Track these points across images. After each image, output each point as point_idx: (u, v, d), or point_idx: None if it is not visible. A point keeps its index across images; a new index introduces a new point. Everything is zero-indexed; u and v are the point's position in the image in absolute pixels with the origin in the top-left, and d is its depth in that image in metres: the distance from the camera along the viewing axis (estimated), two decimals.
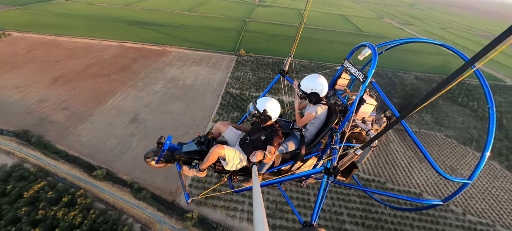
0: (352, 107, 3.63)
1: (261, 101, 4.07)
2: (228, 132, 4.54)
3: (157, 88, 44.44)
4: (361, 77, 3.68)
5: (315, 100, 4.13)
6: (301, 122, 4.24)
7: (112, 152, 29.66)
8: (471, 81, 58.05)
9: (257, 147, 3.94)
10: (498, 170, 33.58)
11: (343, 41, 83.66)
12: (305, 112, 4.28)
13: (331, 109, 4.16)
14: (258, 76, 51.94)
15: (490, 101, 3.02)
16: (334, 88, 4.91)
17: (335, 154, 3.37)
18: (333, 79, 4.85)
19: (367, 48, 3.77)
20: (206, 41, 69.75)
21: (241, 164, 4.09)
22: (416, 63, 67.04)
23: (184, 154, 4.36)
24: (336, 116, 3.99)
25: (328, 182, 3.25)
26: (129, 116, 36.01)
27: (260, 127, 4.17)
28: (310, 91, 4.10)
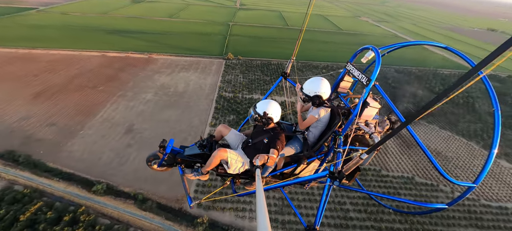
0: (356, 110, 3.56)
1: (260, 104, 4.06)
2: (230, 135, 4.49)
3: (148, 96, 43.46)
4: (365, 80, 3.62)
5: (317, 103, 4.08)
6: (304, 125, 4.21)
7: (110, 165, 28.66)
8: (442, 71, 63.08)
9: (259, 150, 3.89)
10: (476, 150, 36.90)
11: (325, 40, 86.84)
12: (308, 115, 4.23)
13: (334, 112, 4.11)
14: (249, 78, 52.54)
15: (495, 105, 2.93)
16: (337, 90, 4.84)
17: (339, 158, 3.33)
18: (336, 82, 4.80)
19: (370, 51, 3.74)
20: (193, 47, 69.22)
21: (243, 168, 4.05)
22: (395, 57, 71.37)
23: (186, 157, 4.33)
24: (339, 119, 3.94)
25: (331, 186, 3.19)
26: (123, 127, 34.94)
27: (262, 130, 4.12)
28: (313, 94, 4.03)
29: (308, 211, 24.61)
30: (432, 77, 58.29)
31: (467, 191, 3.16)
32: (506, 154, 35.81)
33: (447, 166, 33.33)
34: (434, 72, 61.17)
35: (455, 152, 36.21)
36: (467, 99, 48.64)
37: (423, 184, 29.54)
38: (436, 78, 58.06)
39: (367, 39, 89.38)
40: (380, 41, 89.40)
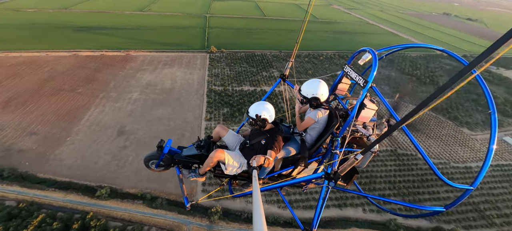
0: (353, 112, 3.58)
1: (253, 107, 4.05)
2: (228, 136, 4.49)
3: (134, 96, 41.78)
4: (362, 82, 3.64)
5: (315, 105, 4.11)
6: (302, 127, 4.22)
7: (109, 169, 27.75)
8: (411, 54, 69.40)
9: (257, 151, 3.90)
10: (443, 121, 42.22)
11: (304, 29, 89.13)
12: (306, 117, 4.25)
13: (332, 113, 4.12)
14: (236, 71, 52.82)
15: (492, 107, 2.90)
16: (335, 92, 4.87)
17: (335, 159, 3.33)
18: (334, 84, 4.82)
19: (367, 53, 3.75)
20: (172, 41, 66.86)
21: (241, 169, 4.05)
22: (368, 43, 76.39)
23: (184, 158, 4.32)
24: (337, 120, 3.96)
25: (329, 188, 3.19)
26: (114, 130, 33.57)
27: (260, 131, 4.13)
28: (311, 96, 4.05)
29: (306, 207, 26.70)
30: (402, 60, 63.98)
31: (465, 194, 3.12)
32: (466, 123, 41.60)
33: (423, 141, 37.84)
34: (403, 55, 67.01)
35: (426, 125, 41.08)
36: (432, 78, 54.59)
37: (404, 155, 33.39)
38: (405, 60, 63.88)
39: (342, 27, 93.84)
40: (354, 28, 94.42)
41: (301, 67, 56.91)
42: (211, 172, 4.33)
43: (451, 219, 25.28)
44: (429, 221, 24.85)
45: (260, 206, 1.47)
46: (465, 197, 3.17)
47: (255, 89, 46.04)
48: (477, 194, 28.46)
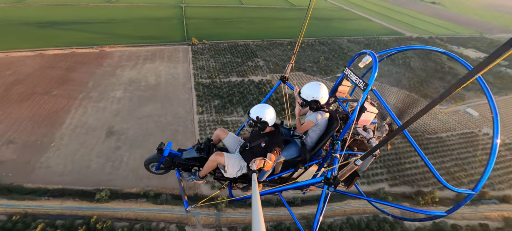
0: (353, 115, 3.58)
1: (254, 109, 4.04)
2: (228, 139, 4.50)
3: (118, 94, 39.82)
4: (362, 85, 3.65)
5: (315, 108, 4.10)
6: (302, 129, 4.22)
7: (104, 171, 26.82)
8: (383, 38, 73.93)
9: (257, 154, 3.90)
10: (416, 98, 46.48)
11: (283, 17, 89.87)
12: (306, 119, 4.24)
13: (332, 116, 4.12)
14: (221, 62, 52.34)
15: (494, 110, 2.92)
16: (335, 95, 4.86)
17: (335, 163, 3.35)
18: (334, 86, 4.81)
19: (367, 55, 3.78)
20: (149, 34, 63.68)
21: (241, 172, 4.05)
22: (344, 29, 79.65)
23: (184, 161, 4.34)
24: (337, 123, 3.97)
25: (328, 192, 3.20)
26: (102, 131, 32.08)
27: (260, 134, 4.13)
28: (311, 98, 4.03)
29: None
30: (377, 44, 68.08)
31: (467, 199, 3.14)
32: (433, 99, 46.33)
33: None
34: (377, 39, 71.24)
35: (402, 102, 44.98)
36: (404, 60, 59.18)
37: None
38: (379, 44, 68.07)
39: (319, 13, 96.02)
40: (330, 14, 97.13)
41: (284, 55, 57.96)
42: (211, 174, 4.32)
43: (428, 183, 28.82)
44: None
45: (259, 210, 1.45)
46: (467, 201, 3.12)
47: (243, 80, 46.32)
48: (448, 160, 32.56)
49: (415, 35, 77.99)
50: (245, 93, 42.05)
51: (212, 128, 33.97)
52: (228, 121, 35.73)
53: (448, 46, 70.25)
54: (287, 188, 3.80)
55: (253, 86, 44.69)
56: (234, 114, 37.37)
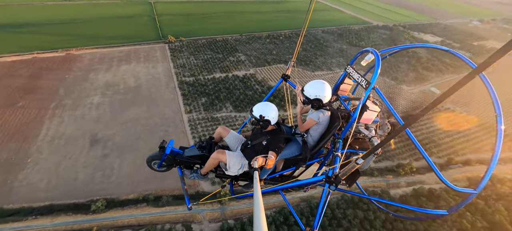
0: (355, 114, 3.58)
1: (256, 107, 4.06)
2: (229, 137, 4.54)
3: (96, 100, 37.35)
4: (364, 84, 3.63)
5: (317, 106, 4.11)
6: (303, 128, 4.22)
7: (94, 181, 25.48)
8: (354, 27, 78.44)
9: (258, 152, 3.93)
10: (387, 81, 50.80)
11: (257, 10, 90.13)
12: (307, 118, 4.26)
13: (334, 115, 4.14)
14: (202, 59, 51.46)
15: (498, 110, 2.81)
16: (337, 93, 4.88)
17: (337, 162, 3.36)
18: (336, 84, 4.83)
19: (370, 54, 3.79)
20: (120, 34, 59.82)
21: (242, 170, 4.09)
22: (317, 20, 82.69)
23: (185, 158, 4.39)
24: (339, 122, 3.98)
25: (330, 190, 3.22)
26: (85, 140, 30.15)
27: (261, 132, 4.17)
28: (313, 97, 4.03)
29: None
30: (348, 33, 72.11)
31: (469, 198, 3.17)
32: (403, 81, 51.03)
33: None
34: (348, 28, 75.42)
35: None
36: (375, 47, 63.70)
37: None
38: (351, 33, 72.21)
39: (292, 5, 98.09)
40: (303, 6, 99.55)
41: (264, 48, 58.79)
42: (213, 172, 4.40)
43: (406, 155, 32.26)
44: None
45: (260, 207, 1.47)
46: (469, 200, 3.16)
47: (227, 75, 46.27)
48: (419, 134, 36.59)
49: (382, 24, 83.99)
50: (231, 89, 42.21)
51: (203, 126, 33.81)
52: (218, 117, 35.79)
53: (410, 33, 77.03)
54: (288, 186, 3.81)
55: (238, 81, 44.96)
56: (223, 110, 37.47)
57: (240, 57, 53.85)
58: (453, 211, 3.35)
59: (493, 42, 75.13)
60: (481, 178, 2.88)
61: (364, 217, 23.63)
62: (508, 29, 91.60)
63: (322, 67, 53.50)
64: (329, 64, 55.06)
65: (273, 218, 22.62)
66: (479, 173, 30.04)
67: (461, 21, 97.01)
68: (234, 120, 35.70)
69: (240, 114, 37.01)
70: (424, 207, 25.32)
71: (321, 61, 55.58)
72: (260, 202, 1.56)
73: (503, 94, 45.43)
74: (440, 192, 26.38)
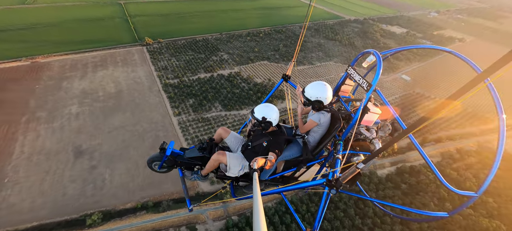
0: (356, 116, 3.52)
1: (258, 109, 4.04)
2: (230, 138, 4.54)
3: (73, 109, 34.95)
4: (365, 85, 3.56)
5: (317, 108, 4.08)
6: (304, 129, 4.22)
7: (85, 194, 24.16)
8: (328, 22, 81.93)
9: (259, 153, 3.94)
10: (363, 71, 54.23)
11: (234, 8, 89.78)
12: (308, 119, 4.24)
13: (335, 116, 4.11)
14: (184, 60, 50.38)
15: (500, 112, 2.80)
16: (338, 94, 4.85)
17: (337, 166, 3.32)
18: (337, 85, 4.80)
19: (371, 55, 3.74)
20: (90, 38, 56.10)
21: (243, 171, 4.08)
22: (293, 16, 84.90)
23: (186, 160, 4.40)
24: (340, 123, 3.97)
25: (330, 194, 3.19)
26: (68, 152, 28.27)
27: (262, 133, 4.16)
28: (314, 98, 4.00)
29: None
30: (324, 28, 75.24)
31: (470, 200, 3.08)
32: None
33: None
34: (324, 23, 78.62)
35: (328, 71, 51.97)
36: (349, 40, 67.32)
37: None
38: (326, 27, 75.43)
39: (267, 2, 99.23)
40: (277, 3, 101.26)
41: (246, 46, 59.17)
42: (213, 173, 4.41)
43: None
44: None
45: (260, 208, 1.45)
46: (470, 203, 3.12)
47: (212, 75, 45.95)
48: None
49: (353, 18, 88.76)
50: (218, 88, 42.11)
51: (194, 128, 33.46)
52: (209, 117, 35.64)
53: (379, 25, 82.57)
54: (289, 188, 3.81)
55: (224, 80, 44.92)
56: (212, 110, 37.33)
57: (223, 56, 53.64)
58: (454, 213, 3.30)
59: (450, 31, 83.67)
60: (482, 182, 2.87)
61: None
62: (461, 19, 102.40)
63: (304, 62, 55.45)
64: (309, 58, 57.20)
65: (275, 209, 23.47)
66: (449, 148, 33.89)
67: (421, 13, 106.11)
68: (225, 119, 35.83)
69: (230, 112, 37.21)
70: (406, 182, 28.11)
71: (301, 56, 57.48)
72: (259, 203, 1.54)
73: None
74: (419, 168, 29.31)
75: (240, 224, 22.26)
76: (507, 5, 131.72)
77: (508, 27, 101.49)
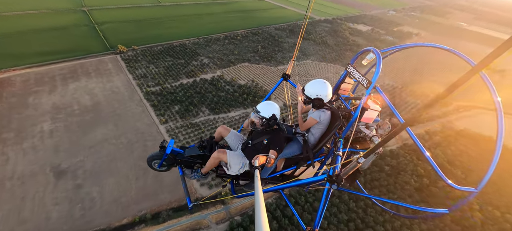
0: (356, 113, 3.52)
1: (264, 108, 4.01)
2: (230, 136, 4.49)
3: (46, 127, 32.00)
4: (365, 83, 3.58)
5: (318, 106, 4.08)
6: (304, 127, 4.20)
7: (73, 216, 22.44)
8: (300, 22, 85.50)
9: (259, 151, 3.88)
10: (340, 68, 57.86)
11: (207, 12, 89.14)
12: (308, 117, 4.23)
13: (335, 114, 4.10)
14: (163, 66, 48.88)
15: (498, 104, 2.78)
16: (338, 92, 4.83)
17: (338, 161, 3.33)
18: (337, 84, 4.78)
19: (371, 53, 3.77)
20: (54, 49, 51.50)
21: (243, 169, 4.06)
22: (266, 18, 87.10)
23: (186, 158, 4.35)
24: (340, 121, 3.95)
25: (331, 189, 3.20)
26: (46, 174, 25.90)
27: (262, 131, 4.12)
28: (315, 96, 4.01)
29: None
30: (297, 28, 78.46)
31: (470, 196, 3.07)
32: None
33: None
34: (297, 24, 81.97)
35: (307, 70, 55.28)
36: (322, 39, 71.20)
37: None
38: (299, 28, 78.64)
39: (240, 5, 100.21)
40: (250, 6, 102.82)
41: (225, 49, 59.31)
42: (214, 172, 4.39)
43: None
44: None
45: (262, 206, 1.45)
46: (470, 199, 3.13)
47: (194, 80, 45.35)
48: None
49: (323, 18, 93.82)
50: (203, 93, 41.74)
51: (184, 134, 32.83)
52: (198, 122, 35.22)
53: (347, 24, 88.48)
54: (289, 185, 3.80)
55: (208, 84, 44.63)
56: (200, 115, 36.93)
57: (203, 60, 53.13)
58: (454, 209, 3.35)
59: (407, 27, 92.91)
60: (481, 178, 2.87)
61: None
62: (415, 16, 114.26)
63: (283, 61, 57.30)
64: (288, 58, 59.21)
65: (276, 204, 24.19)
66: (431, 127, 38.03)
67: (381, 11, 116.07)
68: (214, 122, 35.70)
69: (218, 115, 37.17)
70: (389, 164, 30.86)
71: (280, 56, 59.37)
72: (261, 201, 1.53)
73: None
74: (398, 151, 32.39)
75: (244, 223, 22.55)
76: (451, 2, 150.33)
77: (453, 21, 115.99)
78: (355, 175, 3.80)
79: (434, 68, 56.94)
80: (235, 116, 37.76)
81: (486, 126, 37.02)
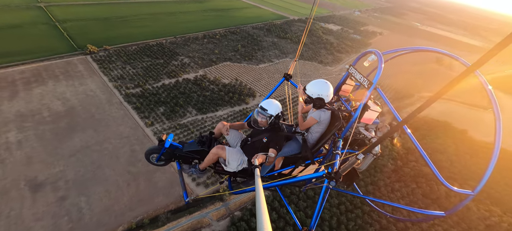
0: (356, 114, 3.54)
1: (271, 106, 4.00)
2: (229, 133, 4.49)
3: (11, 137, 28.62)
4: (366, 84, 3.58)
5: (318, 105, 4.08)
6: (304, 126, 4.20)
7: (61, 230, 20.72)
8: (276, 22, 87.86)
9: (258, 149, 3.92)
10: (317, 65, 61.12)
11: (183, 10, 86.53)
12: (308, 116, 4.24)
13: (335, 114, 4.10)
14: (141, 67, 46.58)
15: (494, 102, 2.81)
16: (338, 94, 4.82)
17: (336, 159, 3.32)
18: (338, 85, 4.76)
19: (373, 55, 3.75)
20: (9, 50, 45.71)
21: (241, 166, 4.08)
22: (243, 17, 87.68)
23: (184, 153, 4.35)
24: (340, 122, 3.96)
25: (329, 188, 3.19)
26: (21, 189, 23.38)
27: (262, 129, 4.11)
28: (316, 96, 4.00)
29: None
30: (274, 27, 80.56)
31: (466, 199, 3.06)
32: (327, 63, 62.47)
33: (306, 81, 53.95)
34: (273, 23, 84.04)
35: (309, 69, 58.16)
36: (298, 38, 74.09)
37: None
38: (276, 27, 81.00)
39: (215, 4, 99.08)
40: (225, 4, 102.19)
41: (205, 48, 58.55)
42: (212, 168, 4.40)
43: None
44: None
45: (263, 204, 1.45)
46: (467, 202, 3.10)
47: (177, 80, 44.17)
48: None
49: (297, 17, 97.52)
50: (188, 93, 40.93)
51: (174, 136, 31.97)
52: (186, 123, 34.58)
53: (319, 23, 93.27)
54: (287, 182, 3.78)
55: (191, 84, 43.84)
56: (187, 115, 36.26)
57: (183, 60, 51.83)
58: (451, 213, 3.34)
59: (372, 27, 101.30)
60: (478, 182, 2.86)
61: None
62: (377, 16, 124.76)
63: (264, 59, 58.61)
64: (268, 56, 60.77)
65: (273, 196, 25.20)
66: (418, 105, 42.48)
67: (348, 12, 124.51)
68: (202, 122, 35.40)
69: (206, 115, 36.90)
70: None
71: (260, 55, 60.57)
72: (262, 199, 1.53)
73: None
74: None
75: (245, 217, 23.15)
76: (407, 4, 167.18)
77: (408, 22, 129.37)
78: (353, 177, 3.93)
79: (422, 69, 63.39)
80: (223, 115, 37.87)
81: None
